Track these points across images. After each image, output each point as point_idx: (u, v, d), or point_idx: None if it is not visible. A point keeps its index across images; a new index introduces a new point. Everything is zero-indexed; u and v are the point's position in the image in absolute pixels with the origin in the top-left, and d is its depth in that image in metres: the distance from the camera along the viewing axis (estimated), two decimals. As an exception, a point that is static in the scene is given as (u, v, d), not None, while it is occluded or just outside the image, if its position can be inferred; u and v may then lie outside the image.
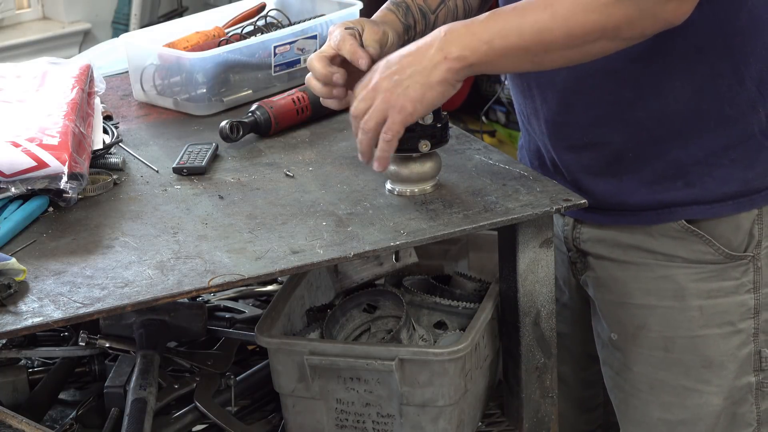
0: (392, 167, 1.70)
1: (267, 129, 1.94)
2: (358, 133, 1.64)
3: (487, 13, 1.61)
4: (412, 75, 1.60)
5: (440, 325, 1.85)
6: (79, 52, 4.46)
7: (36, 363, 1.96)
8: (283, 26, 2.23)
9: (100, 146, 1.85)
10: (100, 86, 2.00)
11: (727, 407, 1.81)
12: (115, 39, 2.53)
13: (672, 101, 1.70)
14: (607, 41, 1.58)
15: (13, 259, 1.49)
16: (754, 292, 1.78)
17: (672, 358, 1.80)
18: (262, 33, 2.20)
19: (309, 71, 1.72)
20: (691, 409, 1.81)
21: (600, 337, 1.90)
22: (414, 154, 1.68)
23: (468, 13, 1.89)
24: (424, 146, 1.68)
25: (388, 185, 1.72)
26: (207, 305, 2.02)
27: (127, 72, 2.18)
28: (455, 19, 1.86)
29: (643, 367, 1.83)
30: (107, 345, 1.87)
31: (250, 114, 1.95)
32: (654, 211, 1.75)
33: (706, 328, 1.78)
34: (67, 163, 1.66)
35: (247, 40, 2.14)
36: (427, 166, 1.70)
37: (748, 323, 1.78)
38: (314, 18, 2.21)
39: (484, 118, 3.98)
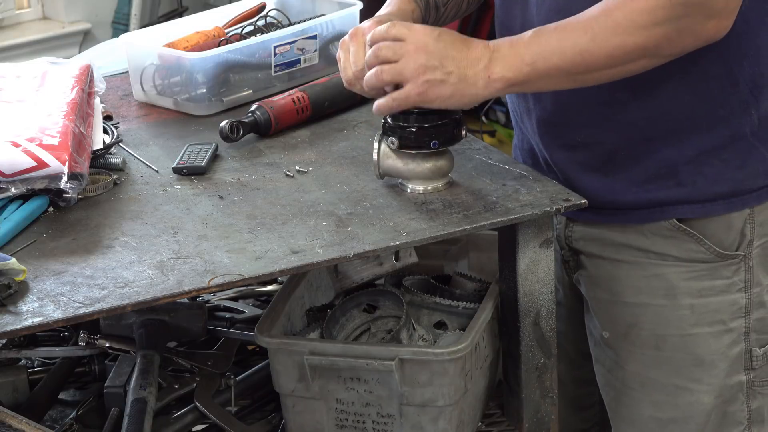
0: (410, 165, 1.70)
1: (267, 129, 1.94)
2: (370, 73, 1.65)
3: (530, 32, 1.63)
4: (450, 73, 1.62)
5: (440, 325, 1.85)
6: (79, 52, 4.46)
7: (36, 363, 1.96)
8: (283, 26, 2.23)
9: (100, 146, 1.85)
10: (100, 86, 2.00)
11: (717, 406, 1.81)
12: (115, 39, 2.53)
13: (665, 102, 1.70)
14: (647, 60, 1.60)
15: (13, 259, 1.49)
16: (745, 291, 1.78)
17: (663, 356, 1.81)
18: (262, 33, 2.20)
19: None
20: (682, 407, 1.82)
21: (592, 335, 1.91)
22: (427, 151, 1.69)
23: (471, 3, 1.91)
24: (464, 132, 1.71)
25: (400, 183, 1.73)
26: (207, 305, 2.02)
27: (127, 72, 2.18)
28: (458, 10, 1.90)
29: (635, 366, 1.83)
30: (107, 345, 1.87)
31: (250, 114, 1.95)
32: (646, 209, 1.76)
33: (697, 326, 1.78)
34: (67, 163, 1.66)
35: (247, 40, 2.13)
36: (442, 163, 1.71)
37: (739, 322, 1.79)
38: (314, 18, 2.22)
39: (484, 118, 3.98)
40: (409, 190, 1.71)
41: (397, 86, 1.64)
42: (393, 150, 1.70)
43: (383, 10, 1.82)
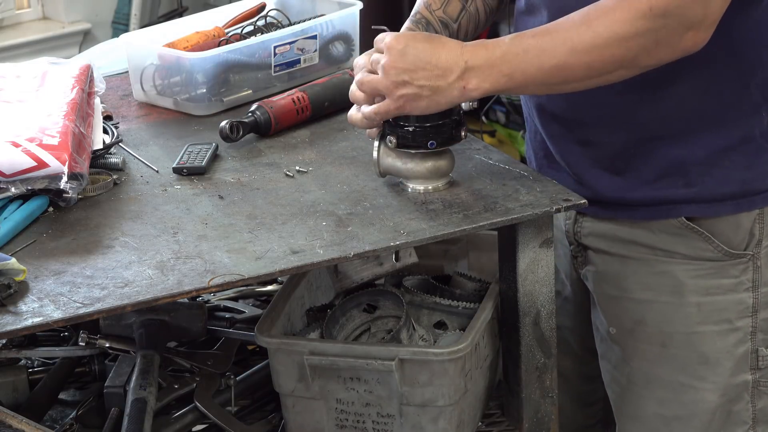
0: (409, 164, 1.70)
1: (267, 129, 1.94)
2: (353, 85, 1.71)
3: (508, 40, 1.62)
4: (423, 87, 1.63)
5: (440, 325, 1.85)
6: (79, 52, 4.46)
7: (36, 363, 1.96)
8: (283, 26, 2.23)
9: (100, 146, 1.85)
10: (100, 86, 2.00)
11: (722, 404, 1.81)
12: (115, 39, 2.53)
13: (676, 104, 1.71)
14: (625, 71, 1.61)
15: (13, 259, 1.49)
16: (752, 290, 1.78)
17: (669, 353, 1.81)
18: (262, 33, 2.20)
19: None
20: (687, 405, 1.82)
21: (599, 330, 1.91)
22: (425, 150, 1.69)
23: (489, 15, 1.91)
24: (464, 133, 1.71)
25: (401, 182, 1.73)
26: (207, 305, 2.02)
27: (127, 72, 2.18)
28: (477, 23, 1.90)
29: (640, 362, 1.84)
30: (107, 345, 1.87)
31: (250, 114, 1.95)
32: (654, 207, 1.77)
33: (703, 324, 1.79)
34: (67, 163, 1.66)
35: (247, 40, 2.14)
36: (443, 162, 1.71)
37: (746, 321, 1.79)
38: (314, 18, 2.22)
39: (484, 118, 3.98)
40: (409, 190, 1.72)
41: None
42: (392, 149, 1.70)
43: None
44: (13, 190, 1.67)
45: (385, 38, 1.67)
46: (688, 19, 1.55)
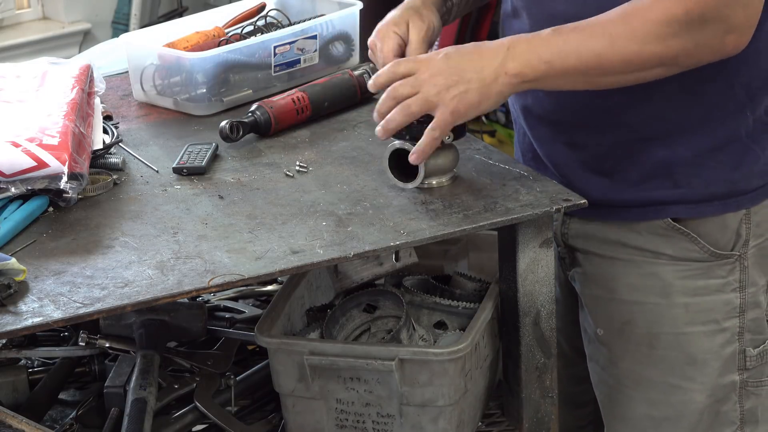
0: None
1: (267, 129, 1.94)
2: (396, 110, 1.65)
3: (548, 31, 1.63)
4: (471, 81, 1.62)
5: (440, 325, 1.85)
6: (79, 52, 4.46)
7: (36, 363, 1.96)
8: (283, 26, 2.23)
9: (100, 146, 1.85)
10: (100, 86, 2.00)
11: (710, 405, 1.82)
12: (115, 39, 2.53)
13: (661, 105, 1.71)
14: (664, 69, 1.61)
15: (13, 259, 1.49)
16: (740, 291, 1.78)
17: (657, 354, 1.81)
18: (262, 33, 2.20)
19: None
20: (675, 405, 1.82)
21: (586, 332, 1.91)
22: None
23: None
24: (449, 137, 1.69)
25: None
26: (207, 305, 2.02)
27: (127, 72, 2.18)
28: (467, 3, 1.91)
29: (629, 363, 1.84)
30: (107, 345, 1.87)
31: (250, 114, 1.95)
32: (641, 208, 1.77)
33: (690, 325, 1.79)
34: (67, 163, 1.66)
35: (247, 40, 2.14)
36: (447, 158, 1.71)
37: (733, 322, 1.79)
38: (314, 18, 2.22)
39: (484, 118, 3.97)
40: (414, 186, 1.71)
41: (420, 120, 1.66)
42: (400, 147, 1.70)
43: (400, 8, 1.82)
44: (13, 190, 1.67)
45: (405, 62, 1.67)
46: (729, 23, 1.56)
